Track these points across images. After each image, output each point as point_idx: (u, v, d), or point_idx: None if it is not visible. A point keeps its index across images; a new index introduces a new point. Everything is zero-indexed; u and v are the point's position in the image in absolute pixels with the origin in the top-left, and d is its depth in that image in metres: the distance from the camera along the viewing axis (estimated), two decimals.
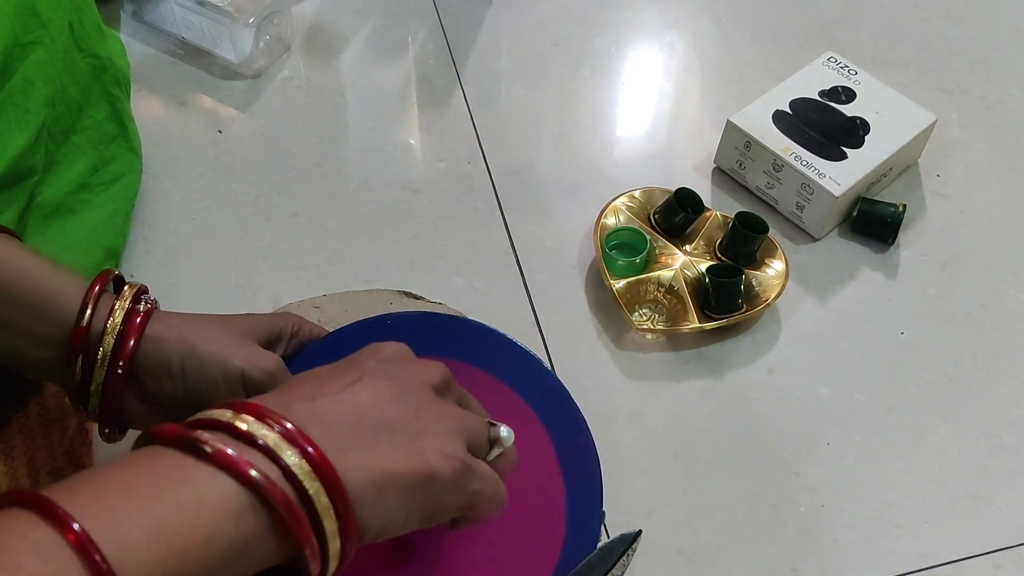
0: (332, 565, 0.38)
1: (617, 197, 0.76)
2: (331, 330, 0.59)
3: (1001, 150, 0.84)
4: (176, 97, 0.85)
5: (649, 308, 0.71)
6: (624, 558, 0.57)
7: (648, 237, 0.73)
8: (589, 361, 0.69)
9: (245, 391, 0.50)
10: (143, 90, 0.84)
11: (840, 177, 0.73)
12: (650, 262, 0.72)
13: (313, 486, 0.36)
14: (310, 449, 0.37)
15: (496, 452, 0.47)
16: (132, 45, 0.87)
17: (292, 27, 0.88)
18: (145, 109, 0.83)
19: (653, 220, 0.75)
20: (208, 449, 0.35)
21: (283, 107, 0.84)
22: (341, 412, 0.41)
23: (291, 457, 0.36)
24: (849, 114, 0.78)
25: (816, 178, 0.73)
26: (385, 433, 0.41)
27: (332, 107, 0.85)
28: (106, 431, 0.52)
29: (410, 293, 0.70)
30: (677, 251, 0.73)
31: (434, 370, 0.47)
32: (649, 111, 0.87)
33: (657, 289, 0.71)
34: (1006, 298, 0.74)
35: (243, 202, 0.77)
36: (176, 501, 0.34)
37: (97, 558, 0.31)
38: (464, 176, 0.80)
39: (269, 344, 0.55)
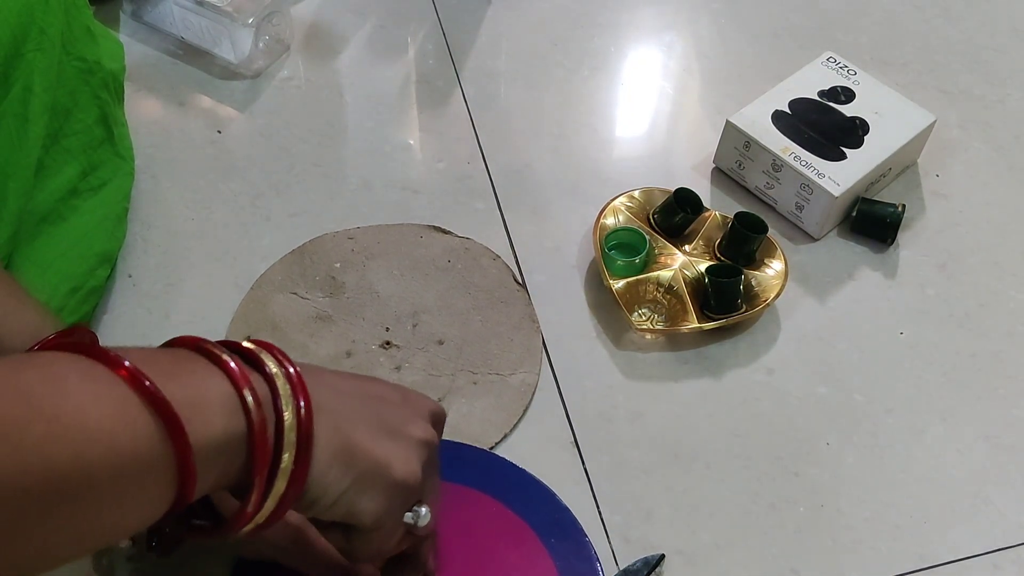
0: (269, 505, 0.40)
1: (616, 197, 0.76)
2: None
3: (1000, 150, 0.84)
4: (175, 97, 0.85)
5: (648, 308, 0.71)
6: None
7: (647, 237, 0.73)
8: (588, 361, 0.69)
9: None
10: (142, 90, 0.84)
11: (839, 177, 0.73)
12: (649, 262, 0.72)
13: (290, 419, 0.40)
14: (301, 399, 0.41)
15: (408, 517, 0.48)
16: (131, 45, 0.87)
17: (291, 27, 0.88)
18: (144, 109, 0.83)
19: (652, 220, 0.75)
20: (220, 357, 0.40)
21: (282, 107, 0.84)
22: (343, 386, 0.46)
23: (283, 387, 0.41)
24: (848, 114, 0.78)
25: (815, 178, 0.73)
26: (370, 417, 0.45)
27: (331, 107, 0.85)
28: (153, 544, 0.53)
29: (439, 228, 0.75)
30: (676, 251, 0.73)
31: (436, 407, 0.51)
32: (648, 111, 0.87)
33: (656, 289, 0.71)
34: (1005, 298, 0.74)
35: (242, 202, 0.77)
36: (186, 384, 0.38)
37: (147, 383, 0.35)
38: (463, 176, 0.80)
39: None
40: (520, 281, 0.72)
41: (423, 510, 0.48)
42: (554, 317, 0.71)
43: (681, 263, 0.72)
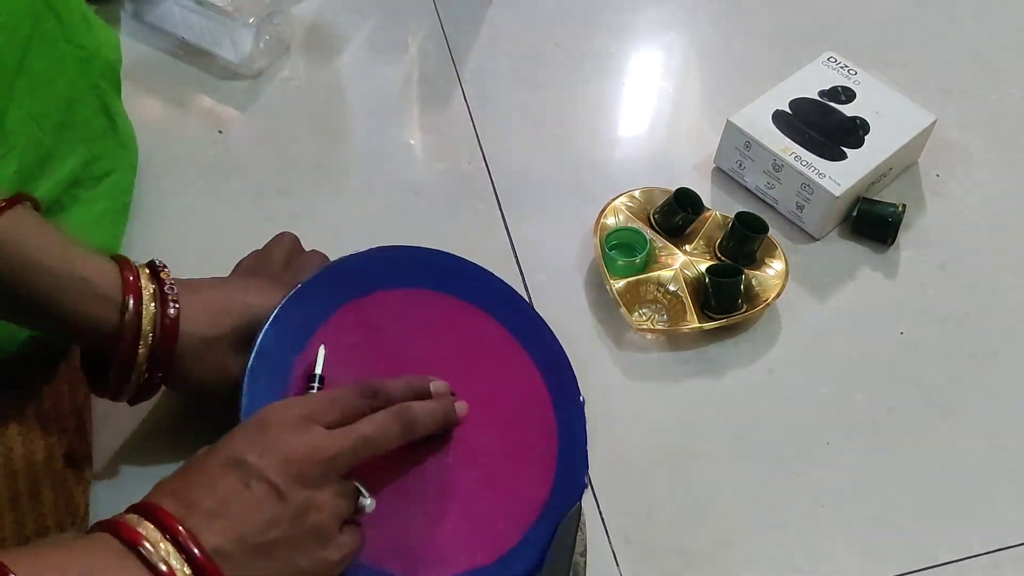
0: None
1: (617, 197, 0.76)
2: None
3: (1001, 150, 0.84)
4: (176, 97, 0.85)
5: (649, 308, 0.71)
6: (579, 532, 0.57)
7: (648, 237, 0.73)
8: (589, 361, 0.69)
9: None
10: (142, 90, 0.84)
11: (840, 177, 0.73)
12: (650, 262, 0.72)
13: None
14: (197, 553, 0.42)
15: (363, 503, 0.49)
16: (132, 45, 0.87)
17: (292, 27, 0.88)
18: (145, 109, 0.83)
19: (653, 220, 0.75)
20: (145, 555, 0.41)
21: (283, 107, 0.84)
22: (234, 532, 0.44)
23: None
24: (849, 114, 0.78)
25: (816, 178, 0.73)
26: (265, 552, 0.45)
27: (332, 107, 0.85)
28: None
29: None
30: (677, 251, 0.73)
31: (308, 448, 0.47)
32: (649, 111, 0.87)
33: (657, 289, 0.71)
34: (1005, 298, 0.74)
35: (243, 202, 0.77)
36: None
37: None
38: (464, 176, 0.80)
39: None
40: None
41: (367, 502, 0.49)
42: (554, 317, 0.71)
43: (681, 263, 0.72)
